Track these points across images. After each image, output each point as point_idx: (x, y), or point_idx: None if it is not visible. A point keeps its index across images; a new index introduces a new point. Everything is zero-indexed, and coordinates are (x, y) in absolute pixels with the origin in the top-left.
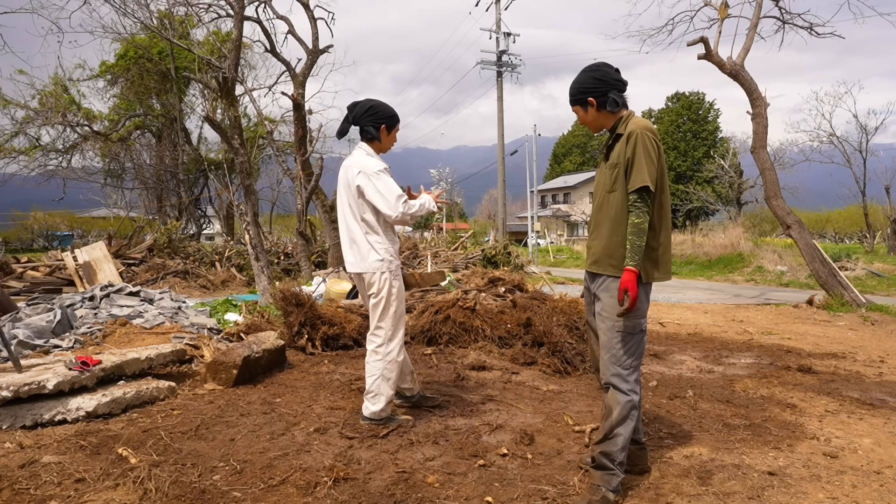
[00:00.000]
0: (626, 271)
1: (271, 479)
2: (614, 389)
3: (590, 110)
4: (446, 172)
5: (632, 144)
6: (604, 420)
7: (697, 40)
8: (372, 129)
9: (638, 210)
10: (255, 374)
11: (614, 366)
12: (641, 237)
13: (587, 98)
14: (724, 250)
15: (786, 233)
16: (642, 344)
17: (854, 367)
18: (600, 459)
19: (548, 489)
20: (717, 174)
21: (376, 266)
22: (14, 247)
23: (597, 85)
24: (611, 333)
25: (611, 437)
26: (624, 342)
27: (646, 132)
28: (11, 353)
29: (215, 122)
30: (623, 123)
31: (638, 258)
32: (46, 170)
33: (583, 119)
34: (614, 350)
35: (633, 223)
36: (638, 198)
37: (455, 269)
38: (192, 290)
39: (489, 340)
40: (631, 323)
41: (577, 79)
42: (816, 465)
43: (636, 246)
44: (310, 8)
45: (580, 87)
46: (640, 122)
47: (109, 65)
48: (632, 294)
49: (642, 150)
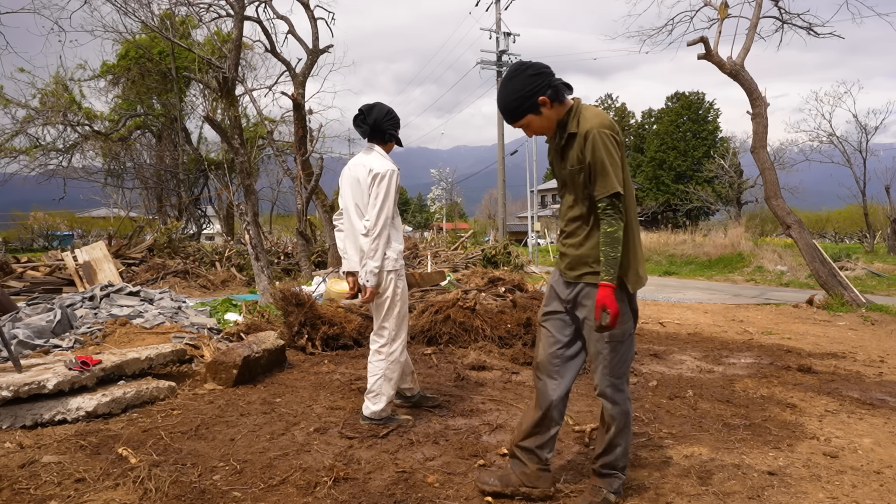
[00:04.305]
0: (602, 287)
1: (271, 479)
2: (609, 402)
3: (544, 111)
4: (446, 172)
5: (591, 146)
6: (602, 433)
7: (697, 40)
8: (394, 133)
9: (609, 218)
10: (255, 374)
11: (608, 376)
12: (616, 247)
13: (537, 100)
14: (724, 250)
15: (786, 233)
16: (633, 348)
17: (854, 367)
18: (602, 471)
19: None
20: (717, 174)
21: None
22: (14, 247)
23: (538, 81)
24: (601, 343)
25: (611, 449)
26: (615, 351)
27: (603, 130)
28: (11, 353)
29: (215, 122)
30: (574, 118)
31: (614, 272)
32: (47, 169)
33: (538, 126)
34: (606, 360)
35: (606, 232)
36: (608, 205)
37: (455, 269)
38: (192, 290)
39: (489, 340)
40: (620, 330)
41: (512, 90)
42: (816, 465)
43: (611, 258)
44: (310, 8)
45: (524, 93)
46: (593, 118)
47: (110, 65)
48: (612, 311)
49: (604, 153)
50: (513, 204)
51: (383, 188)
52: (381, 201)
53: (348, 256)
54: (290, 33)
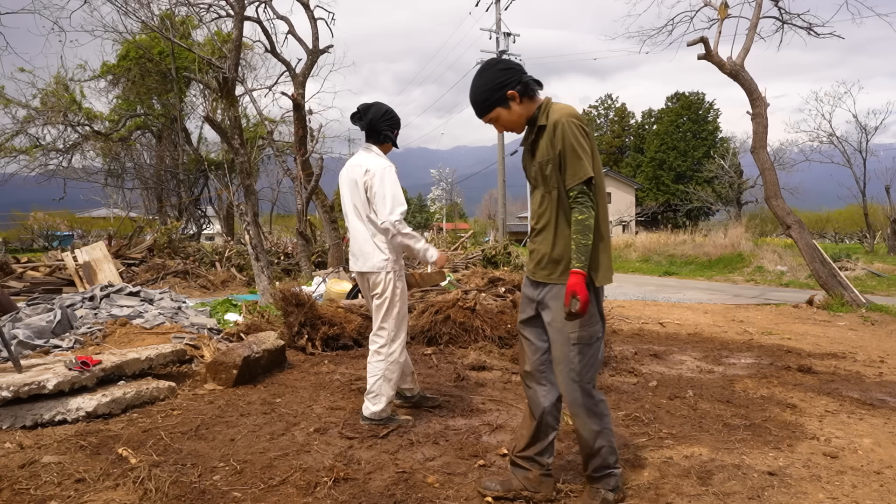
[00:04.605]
0: (574, 274)
1: (271, 479)
2: (581, 408)
3: (514, 105)
4: (446, 172)
5: (560, 135)
6: (582, 444)
7: (697, 40)
8: (390, 133)
9: (581, 206)
10: (255, 374)
11: (574, 381)
12: (587, 235)
13: (506, 93)
14: (724, 250)
15: (786, 233)
16: (600, 353)
17: (854, 367)
18: (595, 475)
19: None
20: (717, 174)
21: (381, 265)
22: (14, 247)
23: (508, 75)
24: (566, 347)
25: (596, 453)
26: (582, 354)
27: (571, 119)
28: (11, 353)
29: (215, 122)
30: (543, 113)
31: (585, 259)
32: (47, 169)
33: (507, 121)
34: (572, 364)
35: (578, 220)
36: (580, 193)
37: (455, 269)
38: (192, 290)
39: (489, 340)
40: (587, 332)
41: (482, 83)
42: (816, 465)
43: (582, 245)
44: (310, 8)
45: (493, 86)
46: (562, 109)
47: (111, 65)
48: (582, 298)
49: (573, 141)
50: (513, 204)
51: (385, 183)
52: (389, 194)
53: (355, 257)
54: (290, 33)
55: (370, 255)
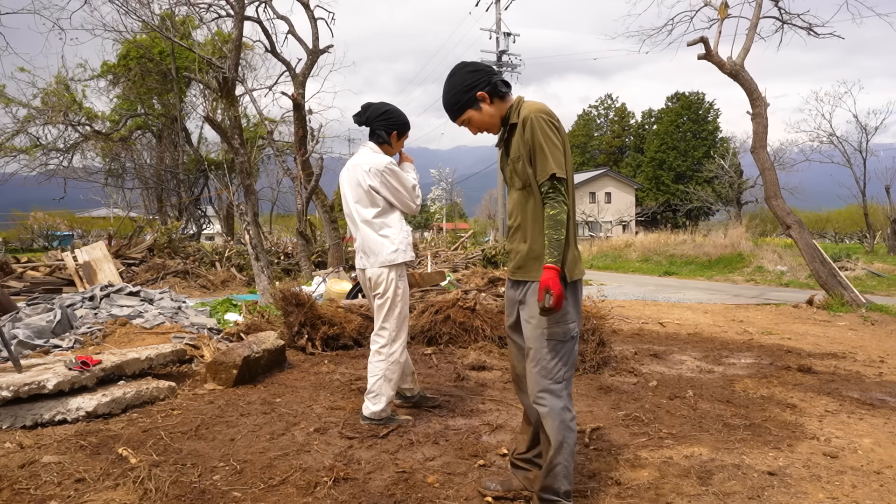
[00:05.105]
0: (547, 269)
1: (271, 479)
2: (546, 408)
3: (484, 106)
4: (446, 172)
5: (529, 131)
6: (544, 452)
7: (697, 40)
8: (384, 134)
9: (552, 200)
10: (255, 374)
11: (544, 379)
12: (560, 230)
13: (476, 94)
14: (724, 250)
15: (786, 233)
16: (574, 353)
17: (854, 367)
18: (542, 496)
19: None
20: (717, 174)
21: (392, 258)
22: (14, 247)
23: (477, 77)
24: (539, 342)
25: (550, 469)
26: (554, 351)
27: (541, 115)
28: (11, 353)
29: (215, 122)
30: (515, 111)
31: (558, 254)
32: (47, 169)
33: (479, 122)
34: (544, 361)
35: (549, 215)
36: (550, 188)
37: (455, 269)
38: (192, 290)
39: (489, 340)
40: (561, 329)
41: (453, 85)
42: (816, 465)
43: (555, 240)
44: (310, 8)
45: (462, 88)
46: (532, 106)
47: (111, 65)
48: (555, 292)
49: (542, 136)
50: None
51: (393, 178)
52: (401, 188)
53: (364, 254)
54: (290, 33)
55: (379, 250)
